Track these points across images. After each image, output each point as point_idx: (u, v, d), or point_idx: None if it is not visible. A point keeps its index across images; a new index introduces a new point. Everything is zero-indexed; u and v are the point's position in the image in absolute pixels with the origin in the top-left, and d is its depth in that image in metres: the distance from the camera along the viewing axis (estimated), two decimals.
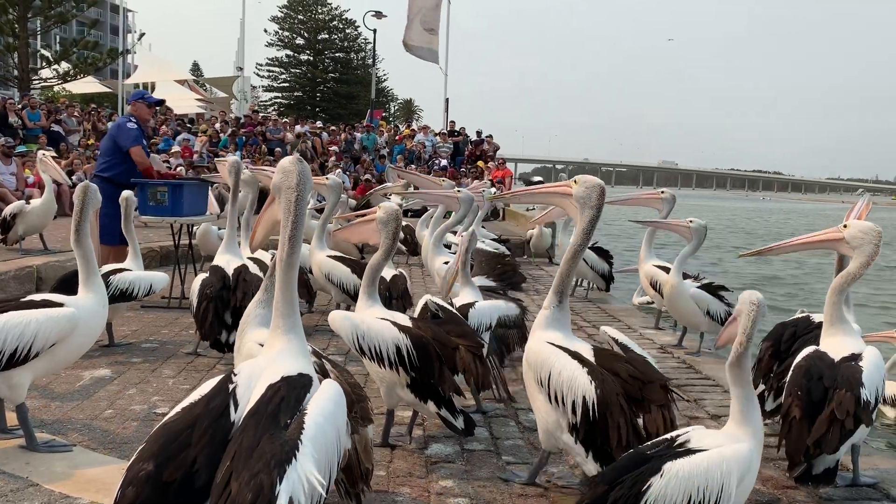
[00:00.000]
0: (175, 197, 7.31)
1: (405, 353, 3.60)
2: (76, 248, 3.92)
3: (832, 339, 3.71)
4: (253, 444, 2.04)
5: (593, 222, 3.42)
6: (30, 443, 3.51)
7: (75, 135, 18.83)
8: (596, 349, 3.38)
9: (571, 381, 3.12)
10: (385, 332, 3.65)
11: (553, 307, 3.41)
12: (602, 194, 3.40)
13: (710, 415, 4.79)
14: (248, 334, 3.36)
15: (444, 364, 3.69)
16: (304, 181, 2.52)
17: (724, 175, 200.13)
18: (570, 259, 3.47)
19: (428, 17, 27.80)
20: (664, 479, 2.46)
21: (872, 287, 15.08)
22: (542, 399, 3.28)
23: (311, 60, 68.52)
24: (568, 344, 3.33)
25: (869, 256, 3.69)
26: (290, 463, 1.99)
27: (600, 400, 3.04)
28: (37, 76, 28.51)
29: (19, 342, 3.42)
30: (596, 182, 3.42)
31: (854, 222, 3.82)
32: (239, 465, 1.99)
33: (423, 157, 22.41)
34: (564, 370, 3.17)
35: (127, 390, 4.80)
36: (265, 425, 2.10)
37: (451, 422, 3.74)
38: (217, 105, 32.20)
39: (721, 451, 2.57)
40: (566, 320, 3.44)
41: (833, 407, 3.35)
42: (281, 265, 2.52)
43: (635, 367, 3.25)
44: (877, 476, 3.79)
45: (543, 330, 3.40)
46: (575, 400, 3.09)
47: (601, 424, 3.04)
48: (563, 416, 3.18)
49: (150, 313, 7.18)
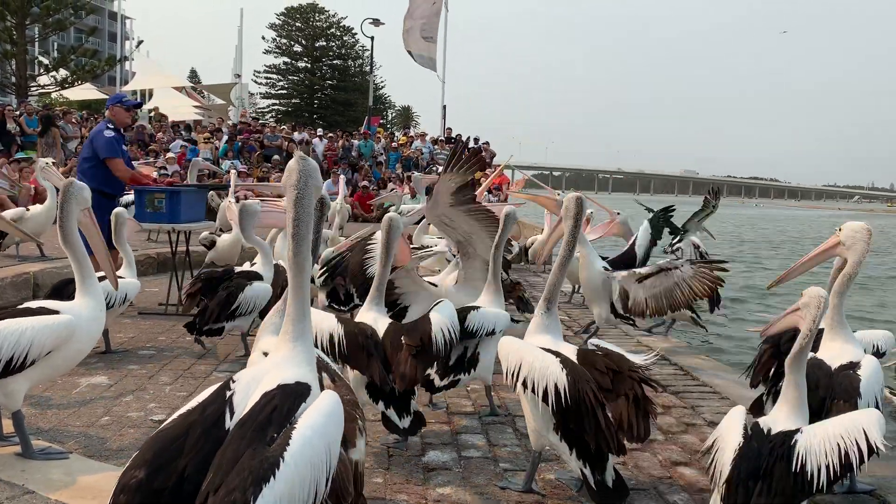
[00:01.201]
0: (172, 204, 7.31)
1: (336, 342, 3.78)
2: (66, 248, 3.86)
3: (832, 345, 3.72)
4: (235, 458, 2.01)
5: (573, 232, 3.76)
6: (26, 450, 3.50)
7: (73, 141, 18.83)
8: (580, 350, 3.48)
9: (543, 369, 3.24)
10: (323, 322, 3.83)
11: (542, 313, 3.62)
12: (578, 205, 3.80)
13: (708, 422, 4.79)
14: (259, 342, 3.39)
15: (371, 355, 3.80)
16: (305, 178, 2.47)
17: (720, 182, 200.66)
18: (558, 268, 3.70)
19: (427, 25, 27.89)
20: (805, 436, 2.80)
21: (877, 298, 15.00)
22: (521, 390, 3.38)
23: (309, 67, 68.74)
24: (554, 346, 3.46)
25: (861, 254, 3.79)
26: (268, 482, 1.95)
27: (571, 387, 3.14)
28: (35, 83, 28.55)
29: (15, 350, 3.39)
30: (573, 195, 3.84)
31: (845, 224, 3.92)
32: (217, 480, 1.97)
33: (420, 164, 22.43)
34: (536, 360, 3.29)
35: (123, 397, 4.79)
36: (251, 438, 2.06)
37: (394, 422, 3.84)
38: (215, 112, 32.23)
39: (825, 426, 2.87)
40: (555, 325, 3.64)
41: None
42: (290, 265, 2.48)
43: (611, 360, 3.33)
44: (874, 483, 3.79)
45: (533, 335, 3.59)
46: (547, 386, 3.19)
47: (574, 412, 3.14)
48: (539, 408, 3.29)
49: (147, 320, 7.17)
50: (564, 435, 3.26)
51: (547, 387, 3.17)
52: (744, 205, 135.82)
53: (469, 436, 4.36)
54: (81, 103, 32.37)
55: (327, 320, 3.87)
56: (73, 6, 29.21)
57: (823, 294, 3.11)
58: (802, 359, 3.10)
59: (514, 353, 3.38)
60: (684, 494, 3.66)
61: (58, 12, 28.25)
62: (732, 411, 3.15)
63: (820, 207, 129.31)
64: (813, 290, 3.18)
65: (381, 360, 3.84)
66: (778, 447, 2.84)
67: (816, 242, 4.81)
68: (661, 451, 4.24)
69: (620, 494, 3.24)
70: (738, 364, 7.68)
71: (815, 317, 3.10)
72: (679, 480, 3.83)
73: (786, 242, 32.45)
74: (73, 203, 3.91)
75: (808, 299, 3.17)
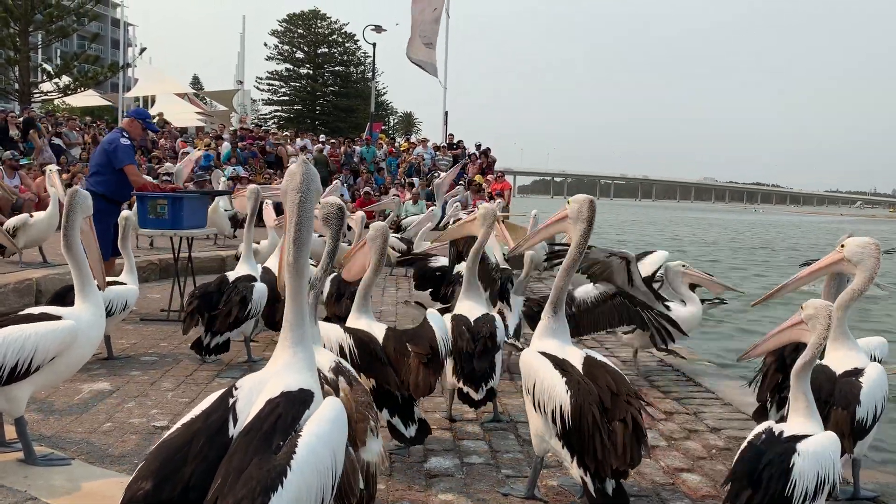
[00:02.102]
0: (175, 210, 7.32)
1: (347, 352, 3.74)
2: (67, 254, 3.89)
3: (836, 354, 3.72)
4: (242, 467, 2.01)
5: (585, 236, 3.60)
6: (28, 456, 3.50)
7: (76, 147, 18.88)
8: (586, 357, 3.49)
9: (551, 391, 3.27)
10: (330, 333, 3.80)
11: (549, 317, 3.58)
12: (591, 207, 3.59)
13: (710, 428, 4.78)
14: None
15: (384, 364, 3.79)
16: (307, 182, 2.45)
17: (722, 188, 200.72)
18: (565, 272, 3.64)
19: (426, 31, 27.97)
20: (801, 456, 2.85)
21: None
22: (531, 406, 3.43)
23: (311, 74, 68.90)
24: (560, 352, 3.47)
25: (871, 270, 3.70)
26: (276, 490, 1.96)
27: (574, 409, 3.19)
28: (37, 90, 28.62)
29: (19, 356, 3.40)
30: (584, 198, 3.63)
31: (850, 239, 3.83)
32: (225, 489, 1.97)
33: (422, 170, 22.45)
34: (546, 380, 3.32)
35: (126, 403, 4.79)
36: (256, 446, 2.07)
37: (400, 431, 3.82)
38: (217, 118, 32.30)
39: (827, 435, 2.98)
40: (563, 329, 3.59)
41: (830, 427, 3.35)
42: (288, 270, 2.44)
43: (612, 380, 3.34)
44: (877, 490, 3.79)
45: (540, 339, 3.58)
46: (554, 409, 3.25)
47: (576, 432, 3.19)
48: (547, 423, 3.32)
49: (149, 326, 7.18)
50: (566, 444, 3.27)
51: (553, 409, 3.25)
52: (745, 211, 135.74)
53: (471, 442, 4.36)
54: (84, 110, 32.46)
55: (335, 330, 3.83)
56: (75, 13, 29.29)
57: (831, 305, 3.07)
58: (809, 370, 3.09)
59: (532, 370, 3.42)
60: (687, 501, 3.66)
61: (61, 19, 28.32)
62: (760, 425, 3.18)
63: (822, 213, 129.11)
64: (818, 303, 3.14)
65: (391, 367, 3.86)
66: (776, 461, 2.87)
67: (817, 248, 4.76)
68: (664, 457, 4.23)
69: (620, 502, 3.23)
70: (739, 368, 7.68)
71: (825, 328, 3.08)
72: (682, 487, 3.82)
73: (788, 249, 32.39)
74: (78, 212, 3.97)
75: (815, 311, 3.12)
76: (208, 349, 5.66)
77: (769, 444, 2.97)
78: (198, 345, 5.69)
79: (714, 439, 4.58)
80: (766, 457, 2.90)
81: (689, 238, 36.85)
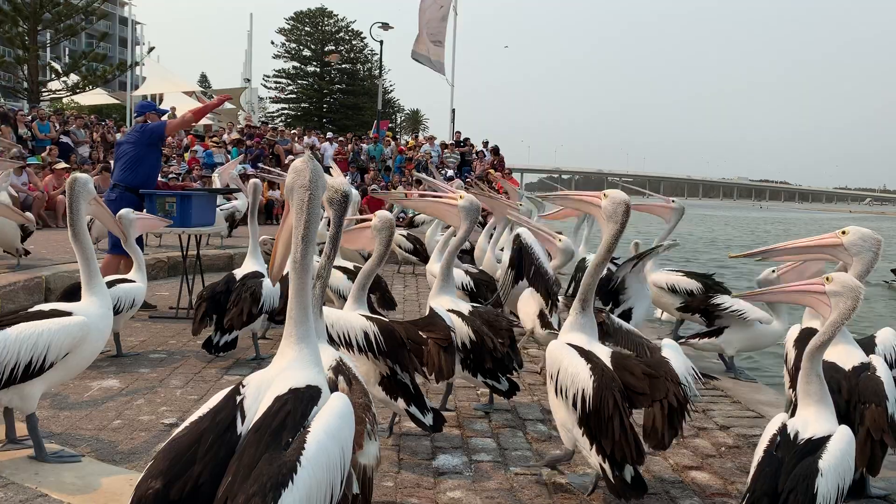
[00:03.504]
0: (183, 207, 7.35)
1: (372, 339, 3.74)
2: (75, 244, 3.88)
3: (835, 349, 3.63)
4: (252, 463, 2.02)
5: (616, 236, 3.60)
6: (39, 453, 3.52)
7: (84, 146, 18.94)
8: (614, 353, 3.52)
9: (574, 376, 3.33)
10: (353, 320, 3.81)
11: (577, 313, 3.63)
12: (627, 211, 3.56)
13: (719, 426, 4.77)
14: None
15: (409, 350, 3.81)
16: (316, 178, 2.44)
17: (730, 185, 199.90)
18: (593, 269, 3.67)
19: (434, 29, 27.96)
20: (824, 477, 2.75)
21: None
22: (553, 393, 3.49)
23: (318, 72, 68.94)
24: (587, 346, 3.51)
25: (868, 264, 3.67)
26: (287, 486, 1.96)
27: (595, 392, 3.23)
28: (46, 88, 28.77)
29: (33, 353, 3.41)
30: (622, 199, 3.57)
31: (854, 228, 3.77)
32: (235, 486, 1.98)
33: (429, 168, 22.44)
34: (570, 367, 3.37)
35: (135, 401, 4.81)
36: (266, 443, 2.07)
37: (419, 419, 3.84)
38: (225, 116, 32.37)
39: (843, 436, 2.89)
40: (590, 325, 3.64)
41: (868, 426, 3.33)
42: (294, 267, 2.44)
43: (647, 366, 3.38)
44: (888, 488, 3.76)
45: (568, 332, 3.64)
46: (575, 393, 3.30)
47: (594, 414, 3.23)
48: (568, 409, 3.37)
49: (157, 323, 7.20)
50: (587, 432, 3.32)
51: (575, 393, 3.30)
52: (753, 207, 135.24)
53: (479, 439, 4.36)
54: (92, 108, 32.60)
55: (358, 318, 3.84)
56: (84, 12, 29.45)
57: (861, 286, 2.94)
58: (823, 352, 3.02)
59: (556, 357, 3.49)
60: (696, 499, 3.64)
61: (69, 18, 28.49)
62: (774, 419, 3.11)
63: (831, 210, 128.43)
64: (847, 280, 2.98)
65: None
66: (800, 474, 2.79)
67: None
68: (673, 455, 4.22)
69: (638, 490, 3.26)
70: (751, 367, 7.65)
71: (849, 310, 2.96)
72: (691, 485, 3.81)
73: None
74: (80, 199, 3.95)
75: (842, 289, 2.96)
76: (217, 347, 5.68)
77: (787, 451, 2.87)
78: (209, 344, 5.71)
79: (723, 437, 4.57)
80: (788, 476, 2.77)
81: (697, 237, 36.71)
